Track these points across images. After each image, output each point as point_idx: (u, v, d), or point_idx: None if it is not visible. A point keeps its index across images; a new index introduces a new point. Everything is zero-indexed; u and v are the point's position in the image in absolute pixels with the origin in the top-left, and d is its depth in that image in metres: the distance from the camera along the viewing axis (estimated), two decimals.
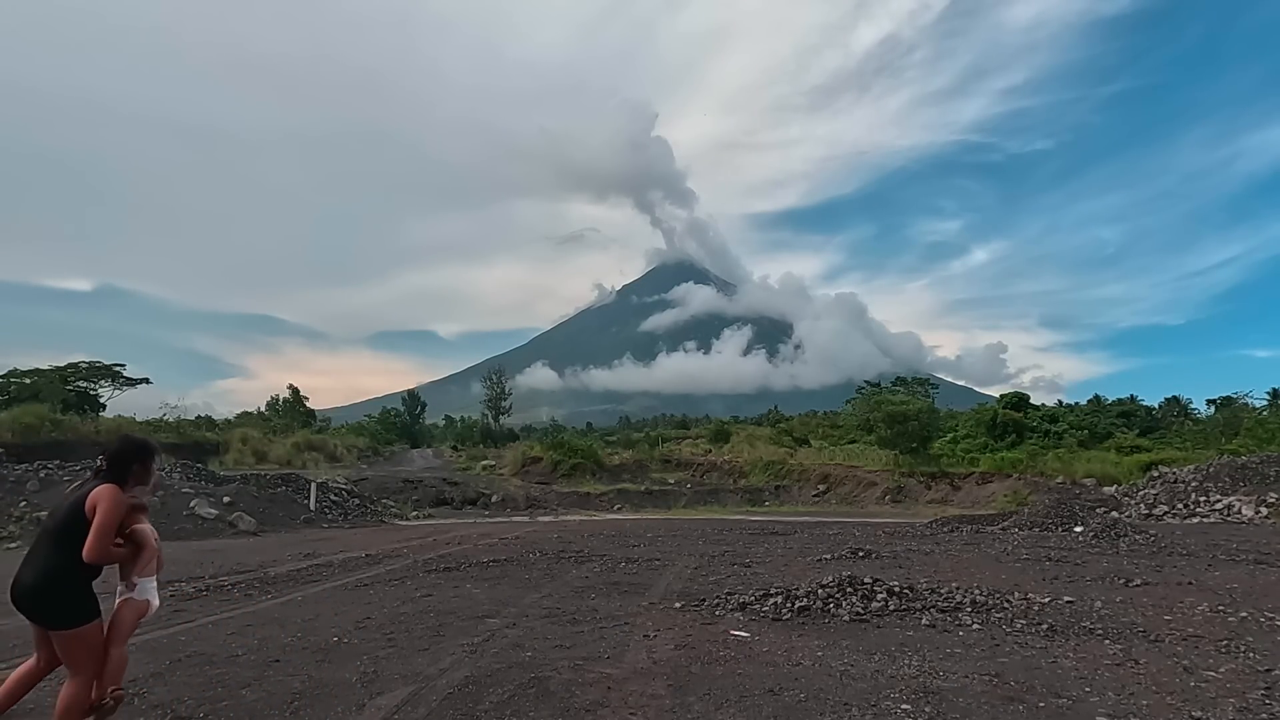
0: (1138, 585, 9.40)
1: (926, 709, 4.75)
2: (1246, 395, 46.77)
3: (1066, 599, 8.37)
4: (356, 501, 24.87)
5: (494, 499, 31.75)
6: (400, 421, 59.99)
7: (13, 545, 14.73)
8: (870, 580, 8.31)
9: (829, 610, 7.61)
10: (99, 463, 4.22)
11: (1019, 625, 7.11)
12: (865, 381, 66.77)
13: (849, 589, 8.05)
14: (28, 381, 41.26)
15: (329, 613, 7.97)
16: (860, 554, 12.68)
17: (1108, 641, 6.55)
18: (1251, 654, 6.05)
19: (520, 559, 12.30)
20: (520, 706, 4.80)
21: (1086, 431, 44.74)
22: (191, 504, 17.91)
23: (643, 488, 35.81)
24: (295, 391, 53.47)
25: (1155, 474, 25.30)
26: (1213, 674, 5.52)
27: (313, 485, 23.60)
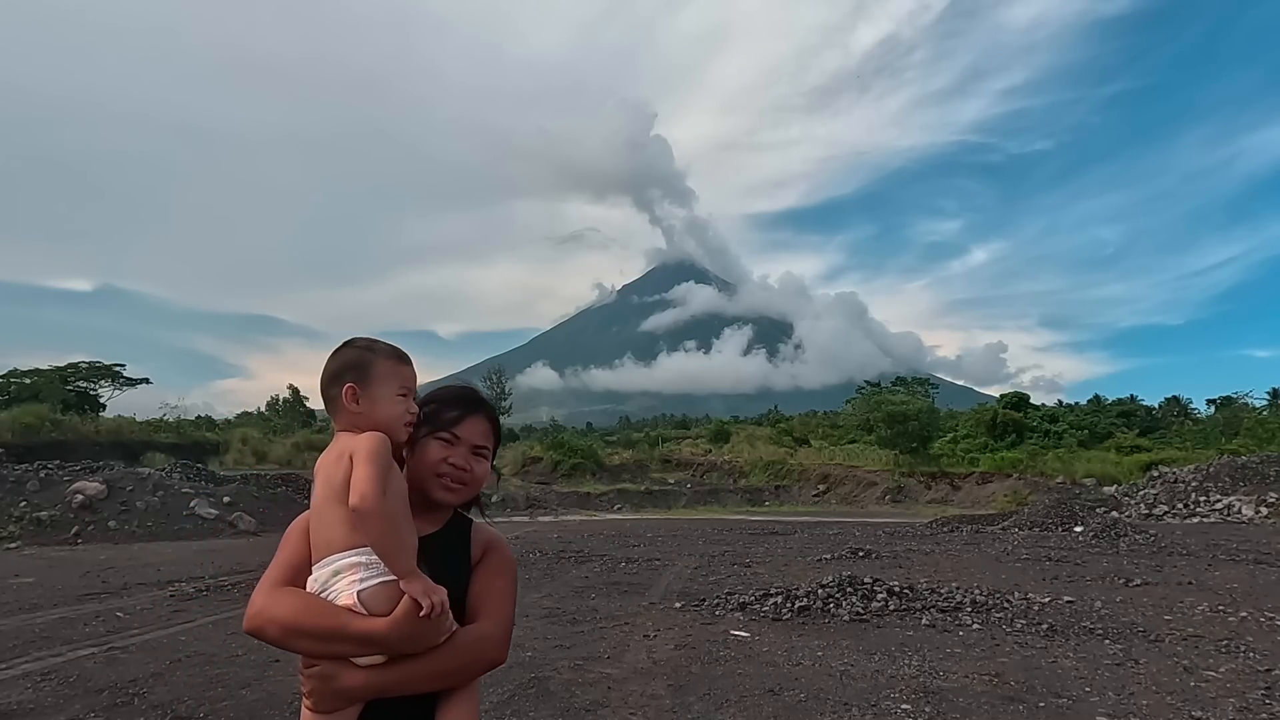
0: (1138, 585, 9.40)
1: (926, 709, 4.75)
2: (1246, 395, 46.83)
3: (1066, 599, 8.37)
4: None
5: (494, 499, 31.76)
6: None
7: (12, 545, 14.73)
8: (870, 580, 8.31)
9: (829, 610, 7.61)
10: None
11: (1019, 625, 7.11)
12: (865, 381, 66.76)
13: (849, 589, 8.05)
14: (28, 381, 41.28)
15: None
16: (860, 554, 12.68)
17: (1108, 641, 6.55)
18: (1251, 654, 6.05)
19: (520, 559, 12.29)
20: (520, 706, 4.80)
21: (1086, 431, 44.70)
22: (191, 504, 17.90)
23: (643, 488, 35.80)
24: (295, 391, 53.42)
25: (1155, 474, 25.29)
26: (1213, 674, 5.52)
27: (313, 485, 23.63)
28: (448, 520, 1.71)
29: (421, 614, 1.41)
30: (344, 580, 1.45)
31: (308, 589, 1.50)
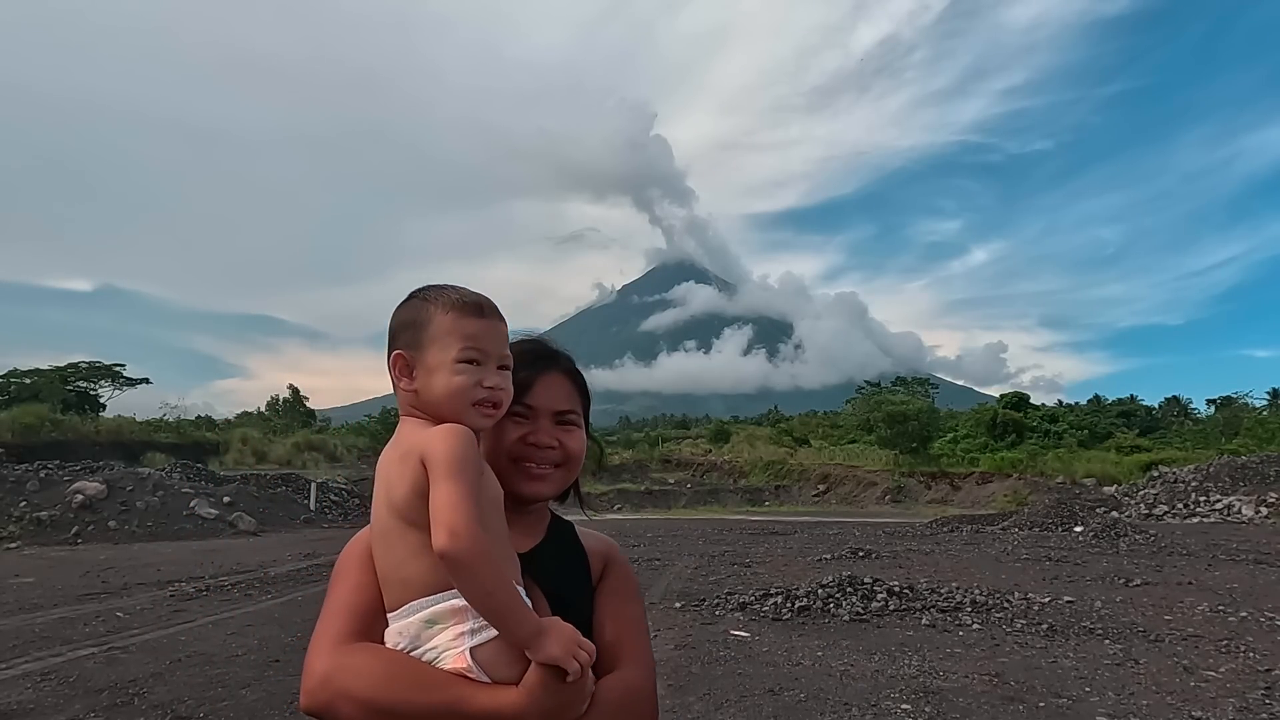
0: (1138, 585, 9.41)
1: (926, 709, 4.75)
2: (1246, 395, 46.77)
3: (1066, 599, 8.37)
4: (357, 501, 24.86)
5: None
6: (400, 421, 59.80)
7: (12, 545, 14.73)
8: (870, 580, 8.32)
9: (829, 610, 7.61)
10: None
11: (1019, 625, 7.11)
12: (865, 381, 66.77)
13: (849, 589, 8.05)
14: (28, 381, 41.28)
15: None
16: (860, 554, 12.68)
17: (1108, 641, 6.55)
18: (1251, 654, 6.05)
19: None
20: None
21: (1086, 431, 44.70)
22: (191, 504, 17.90)
23: (643, 488, 35.81)
24: (295, 391, 53.44)
25: (1155, 474, 25.31)
26: (1213, 674, 5.52)
27: (313, 485, 23.61)
28: (548, 527, 1.32)
29: (569, 679, 1.00)
30: (447, 633, 1.03)
31: (389, 643, 1.06)
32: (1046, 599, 8.28)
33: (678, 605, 8.28)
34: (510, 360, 1.16)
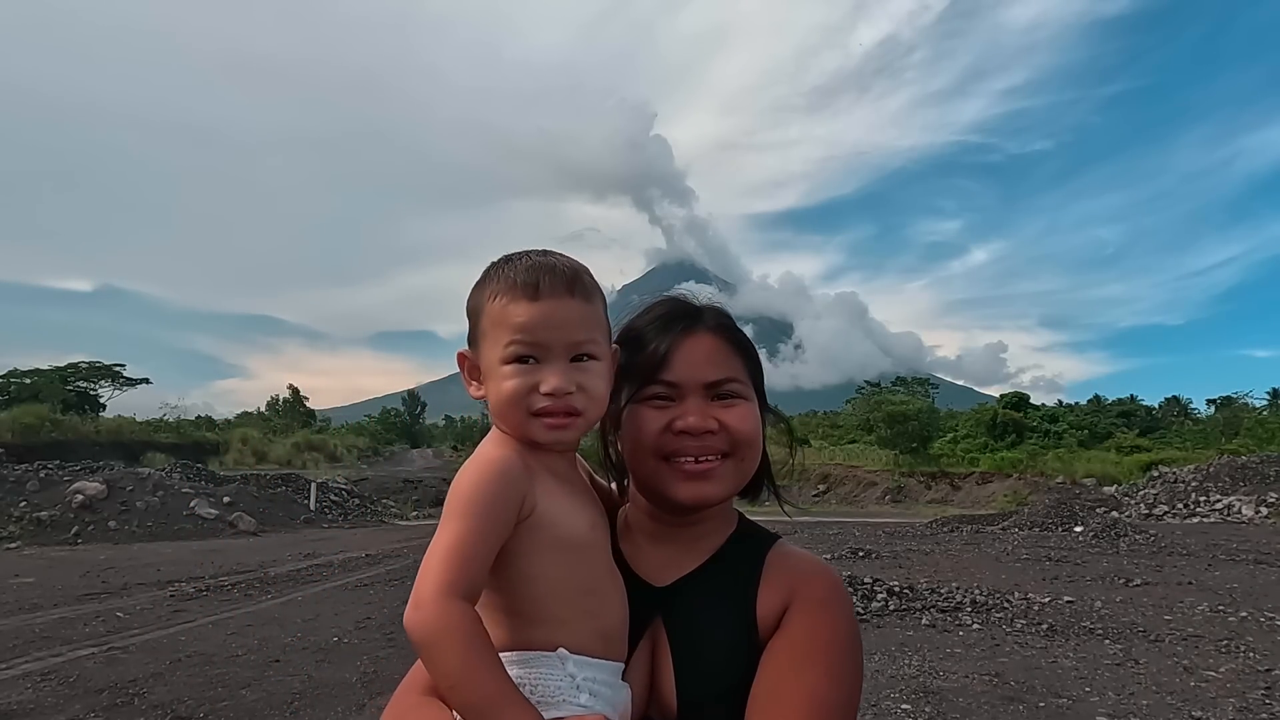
0: (1138, 585, 9.40)
1: (926, 709, 4.75)
2: (1246, 395, 46.77)
3: (1066, 599, 8.37)
4: (356, 501, 24.88)
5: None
6: (400, 421, 60.04)
7: (12, 545, 14.73)
8: (870, 580, 8.32)
9: None
10: None
11: (1019, 625, 7.11)
12: (865, 381, 66.82)
13: (849, 589, 8.05)
14: (28, 381, 41.35)
15: (329, 613, 7.97)
16: (860, 554, 12.67)
17: (1108, 641, 6.55)
18: (1251, 654, 6.05)
19: None
20: None
21: (1086, 431, 44.71)
22: (191, 504, 17.90)
23: None
24: (295, 391, 53.52)
25: (1155, 474, 25.32)
26: (1213, 674, 5.52)
27: (313, 485, 23.62)
28: (726, 541, 1.03)
29: None
30: None
31: None
32: (1046, 599, 8.27)
33: None
34: (598, 347, 0.90)
